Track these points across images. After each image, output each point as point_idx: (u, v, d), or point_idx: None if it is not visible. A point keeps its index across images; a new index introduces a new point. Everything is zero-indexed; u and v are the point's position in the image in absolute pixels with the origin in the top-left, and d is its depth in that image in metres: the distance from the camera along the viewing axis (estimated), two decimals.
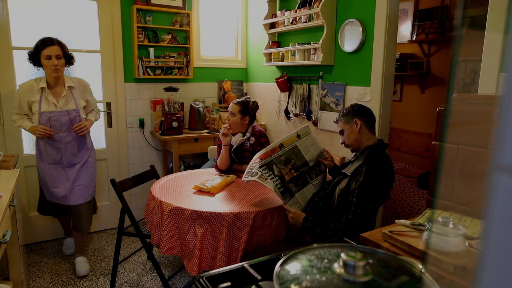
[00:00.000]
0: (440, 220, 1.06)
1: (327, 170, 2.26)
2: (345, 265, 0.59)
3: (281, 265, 0.65)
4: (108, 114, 3.39)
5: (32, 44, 3.12)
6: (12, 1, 2.90)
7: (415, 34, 4.02)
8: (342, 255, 0.60)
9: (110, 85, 3.37)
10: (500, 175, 0.21)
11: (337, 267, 0.61)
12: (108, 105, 3.38)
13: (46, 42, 2.45)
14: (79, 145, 2.65)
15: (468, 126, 1.36)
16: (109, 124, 3.41)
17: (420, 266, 0.66)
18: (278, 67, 3.60)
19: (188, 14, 3.58)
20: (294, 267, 0.65)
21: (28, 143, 3.13)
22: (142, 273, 2.80)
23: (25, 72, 3.01)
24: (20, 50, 2.96)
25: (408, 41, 4.04)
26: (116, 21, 3.30)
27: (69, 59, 2.59)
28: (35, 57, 2.47)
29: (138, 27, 3.35)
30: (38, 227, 3.21)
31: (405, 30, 4.08)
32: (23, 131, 3.08)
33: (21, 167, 3.01)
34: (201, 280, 0.87)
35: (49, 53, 2.43)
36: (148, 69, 3.46)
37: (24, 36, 2.97)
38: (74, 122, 2.59)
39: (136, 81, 3.49)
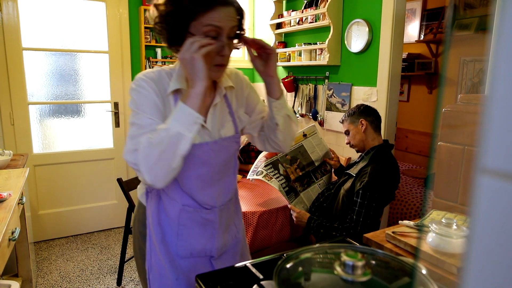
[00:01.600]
0: (443, 221, 1.06)
1: (333, 170, 2.26)
2: (344, 265, 0.60)
3: (282, 264, 0.66)
4: (116, 114, 3.43)
5: (41, 45, 3.15)
6: (22, 2, 2.95)
7: (423, 34, 3.99)
8: (342, 255, 0.61)
9: (118, 85, 3.40)
10: (484, 176, 0.22)
11: (337, 267, 0.61)
12: (116, 105, 3.42)
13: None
14: (235, 209, 1.31)
15: (474, 127, 1.35)
16: (117, 124, 3.45)
17: (420, 267, 0.66)
18: (284, 67, 3.60)
19: None
20: (294, 267, 0.65)
21: (38, 142, 3.17)
22: None
23: (35, 73, 3.06)
24: (30, 51, 3.01)
25: (415, 41, 4.01)
26: (123, 22, 3.34)
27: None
28: (179, 25, 1.01)
29: (145, 27, 3.37)
30: (47, 225, 3.25)
31: (413, 30, 4.06)
32: (33, 129, 3.13)
33: (30, 166, 3.06)
34: (204, 277, 0.88)
35: (219, 22, 1.00)
36: None
37: (34, 37, 3.02)
38: (232, 164, 1.22)
39: None
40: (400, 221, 1.24)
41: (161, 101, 1.04)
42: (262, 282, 0.79)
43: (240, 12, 1.07)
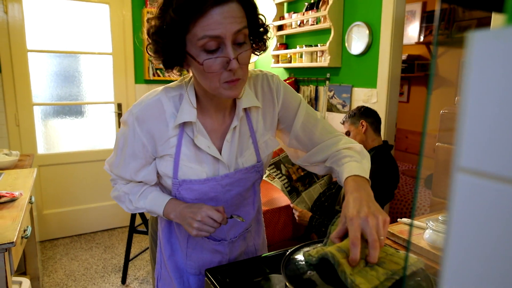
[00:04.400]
0: (440, 218, 1.10)
1: None
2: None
3: (288, 256, 0.70)
4: (119, 115, 3.47)
5: (45, 46, 3.19)
6: (27, 4, 2.99)
7: (423, 35, 4.03)
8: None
9: (121, 87, 3.45)
10: (460, 174, 0.26)
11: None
12: (119, 106, 3.46)
13: None
14: (257, 231, 1.17)
15: None
16: (120, 124, 3.49)
17: (416, 258, 0.71)
18: (285, 68, 3.65)
19: None
20: (299, 259, 0.70)
21: (42, 143, 3.22)
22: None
23: (40, 74, 3.10)
24: (35, 52, 3.05)
25: (415, 42, 4.05)
26: (127, 24, 3.38)
27: (260, 35, 0.88)
28: (172, 44, 0.79)
29: None
30: (51, 225, 3.30)
31: (413, 31, 4.10)
32: (38, 129, 3.18)
33: (35, 166, 3.11)
34: (213, 271, 0.93)
35: (215, 30, 0.74)
36: (158, 71, 3.54)
37: (39, 39, 3.06)
38: (250, 194, 1.05)
39: (146, 82, 3.57)
40: (398, 219, 1.29)
41: (156, 143, 0.93)
42: (269, 276, 0.83)
43: (247, 6, 0.79)
